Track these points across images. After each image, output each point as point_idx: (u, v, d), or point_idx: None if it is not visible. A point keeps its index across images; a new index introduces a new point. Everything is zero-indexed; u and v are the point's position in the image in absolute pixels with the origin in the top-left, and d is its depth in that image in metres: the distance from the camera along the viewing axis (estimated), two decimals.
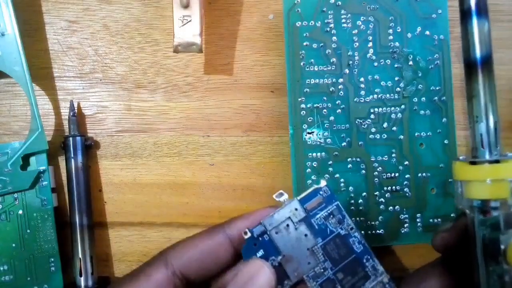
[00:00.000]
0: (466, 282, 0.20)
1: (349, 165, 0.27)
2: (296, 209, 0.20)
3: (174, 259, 0.19)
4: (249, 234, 0.19)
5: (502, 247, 0.19)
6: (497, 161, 0.19)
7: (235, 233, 0.20)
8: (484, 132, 0.20)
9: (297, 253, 0.20)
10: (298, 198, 0.21)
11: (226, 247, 0.20)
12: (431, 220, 0.27)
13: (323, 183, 0.21)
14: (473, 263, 0.20)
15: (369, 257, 0.21)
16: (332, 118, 0.27)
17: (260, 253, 0.19)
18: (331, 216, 0.21)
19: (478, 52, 0.20)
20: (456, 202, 0.21)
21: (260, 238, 0.20)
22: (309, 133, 0.27)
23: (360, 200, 0.27)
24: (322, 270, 0.20)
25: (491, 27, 0.29)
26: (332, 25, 0.27)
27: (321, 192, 0.21)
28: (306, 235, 0.20)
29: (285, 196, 0.21)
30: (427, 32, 0.27)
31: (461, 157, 0.21)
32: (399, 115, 0.27)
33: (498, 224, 0.19)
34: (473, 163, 0.20)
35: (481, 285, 0.20)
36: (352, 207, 0.27)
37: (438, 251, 0.22)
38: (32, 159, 0.27)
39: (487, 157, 0.20)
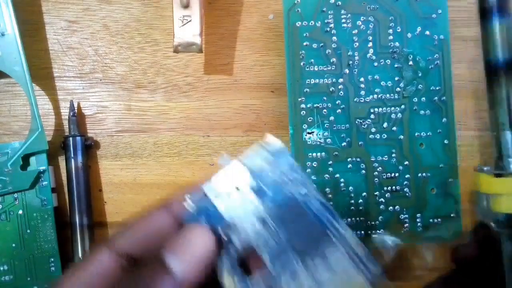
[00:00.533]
0: None
1: (349, 165, 0.27)
2: (240, 172, 0.18)
3: (118, 241, 0.18)
4: (189, 202, 0.18)
5: None
6: None
7: (177, 209, 0.18)
8: (510, 142, 0.19)
9: (242, 218, 0.17)
10: (243, 157, 0.18)
11: (170, 225, 0.18)
12: (431, 220, 0.27)
13: (270, 137, 0.18)
14: (499, 276, 0.19)
15: (330, 217, 0.17)
16: (332, 118, 0.27)
17: (202, 220, 0.17)
18: (283, 175, 0.17)
19: (501, 56, 0.19)
20: (478, 215, 0.20)
21: (202, 205, 0.17)
22: (309, 133, 0.27)
23: (360, 200, 0.27)
24: (272, 235, 0.17)
25: None
26: (332, 25, 0.27)
27: (269, 148, 0.18)
28: (251, 199, 0.17)
29: (228, 158, 0.18)
30: (427, 32, 0.27)
31: (485, 168, 0.20)
32: (399, 115, 0.27)
33: None
34: (499, 175, 0.19)
35: None
36: (352, 207, 0.27)
37: (457, 265, 0.22)
38: (32, 159, 0.27)
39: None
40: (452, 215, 0.27)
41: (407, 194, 0.27)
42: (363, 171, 0.27)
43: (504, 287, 0.19)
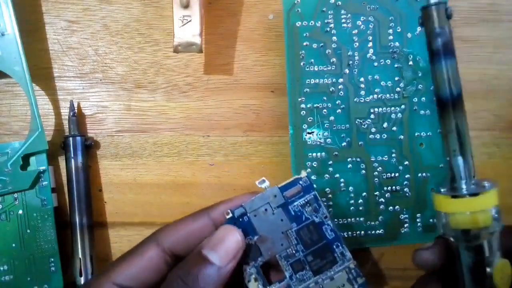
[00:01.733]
0: None
1: (349, 165, 0.27)
2: (275, 196, 0.22)
3: (163, 240, 0.22)
4: (230, 215, 0.22)
5: (488, 270, 0.21)
6: (476, 194, 0.21)
7: (217, 216, 0.22)
8: (462, 165, 0.22)
9: (272, 235, 0.22)
10: (279, 186, 0.22)
11: (210, 229, 0.22)
12: (431, 220, 0.27)
13: (303, 173, 0.22)
14: (460, 286, 0.22)
15: (339, 244, 0.22)
16: (332, 118, 0.27)
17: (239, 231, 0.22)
18: (308, 204, 0.22)
19: (448, 92, 0.22)
20: (439, 230, 0.22)
21: (240, 219, 0.22)
22: (309, 133, 0.27)
23: (360, 200, 0.27)
24: (293, 252, 0.22)
25: (491, 27, 0.29)
26: (332, 25, 0.27)
27: (300, 182, 0.22)
28: (282, 219, 0.22)
29: (267, 183, 0.22)
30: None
31: (441, 190, 0.22)
32: (399, 115, 0.27)
33: (482, 248, 0.21)
34: (454, 196, 0.21)
35: None
36: (352, 207, 0.27)
37: (420, 268, 0.24)
38: (32, 159, 0.27)
39: (466, 189, 0.21)
40: None
41: (407, 194, 0.27)
42: (363, 171, 0.27)
43: None
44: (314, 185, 0.22)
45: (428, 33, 0.22)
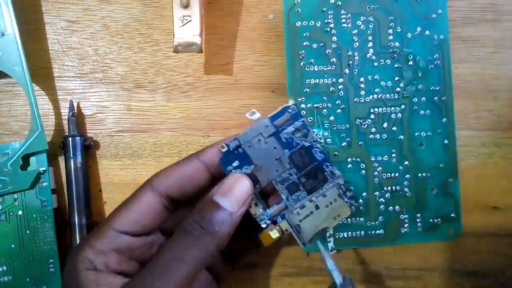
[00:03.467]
0: None
1: (349, 165, 0.27)
2: (266, 126, 0.23)
3: (158, 184, 0.23)
4: (226, 148, 0.23)
5: None
6: None
7: (208, 159, 0.23)
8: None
9: (267, 163, 0.23)
10: (269, 116, 0.23)
11: (201, 171, 0.23)
12: (431, 220, 0.27)
13: (290, 102, 0.24)
14: None
15: (328, 164, 0.24)
16: (332, 118, 0.27)
17: (236, 163, 0.23)
18: (297, 131, 0.23)
19: None
20: None
21: (235, 151, 0.23)
22: None
23: (360, 200, 0.27)
24: (288, 176, 0.24)
25: (491, 27, 0.29)
26: (332, 25, 0.27)
27: (289, 110, 0.23)
28: (275, 147, 0.23)
29: (258, 114, 0.23)
30: (427, 32, 0.27)
31: None
32: (399, 115, 0.27)
33: None
34: None
35: None
36: (352, 207, 0.27)
37: None
38: (32, 159, 0.27)
39: None
40: (452, 215, 0.27)
41: (407, 194, 0.27)
42: (363, 171, 0.27)
43: None
44: (302, 112, 0.24)
45: None
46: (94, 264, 0.21)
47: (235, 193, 0.22)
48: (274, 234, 0.23)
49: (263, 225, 0.24)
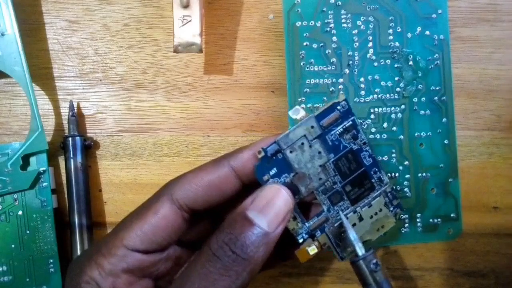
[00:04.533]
0: None
1: None
2: (312, 127, 0.20)
3: (179, 193, 0.19)
4: (262, 154, 0.20)
5: None
6: None
7: (239, 164, 0.20)
8: None
9: (309, 170, 0.20)
10: (315, 114, 0.20)
11: (231, 179, 0.20)
12: (431, 220, 0.27)
13: (341, 97, 0.20)
14: None
15: (376, 169, 0.21)
16: None
17: (273, 171, 0.20)
18: (346, 131, 0.20)
19: None
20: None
21: (274, 157, 0.20)
22: None
23: None
24: (331, 184, 0.20)
25: (491, 27, 0.29)
26: (332, 25, 0.27)
27: (338, 107, 0.20)
28: (319, 152, 0.20)
29: (302, 113, 0.20)
30: (427, 32, 0.27)
31: None
32: (399, 115, 0.27)
33: None
34: None
35: None
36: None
37: None
38: (32, 159, 0.27)
39: None
40: (452, 215, 0.27)
41: (407, 194, 0.27)
42: None
43: None
44: (352, 109, 0.20)
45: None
46: (100, 287, 0.18)
47: (273, 209, 0.18)
48: (313, 250, 0.21)
49: (300, 240, 0.21)
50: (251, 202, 0.19)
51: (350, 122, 0.20)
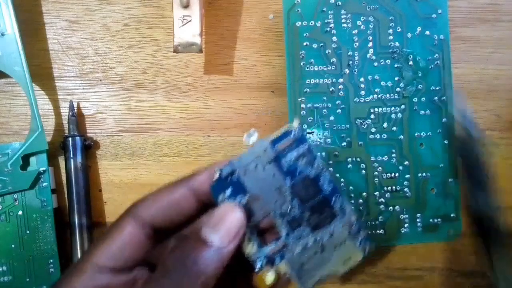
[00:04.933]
0: None
1: (349, 165, 0.27)
2: (265, 150, 0.20)
3: (141, 212, 0.20)
4: (218, 175, 0.20)
5: None
6: None
7: (197, 185, 0.21)
8: None
9: (264, 192, 0.20)
10: (269, 139, 0.20)
11: (189, 199, 0.21)
12: (431, 220, 0.27)
13: (295, 123, 0.20)
14: None
15: (338, 197, 0.20)
16: (332, 118, 0.27)
17: (228, 191, 0.20)
18: (302, 157, 0.20)
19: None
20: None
21: (229, 178, 0.20)
22: (309, 133, 0.27)
23: (360, 200, 0.27)
24: (288, 209, 0.20)
25: (491, 27, 0.29)
26: (332, 25, 0.27)
27: (292, 133, 0.20)
28: (274, 175, 0.20)
29: (255, 136, 0.20)
30: (427, 32, 0.27)
31: None
32: (399, 115, 0.27)
33: None
34: None
35: None
36: (352, 207, 0.27)
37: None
38: (32, 159, 0.27)
39: None
40: (452, 215, 0.27)
41: (407, 194, 0.27)
42: (363, 171, 0.27)
43: None
44: (308, 136, 0.21)
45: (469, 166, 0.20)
46: None
47: (225, 225, 0.19)
48: (270, 277, 0.20)
49: (257, 267, 0.20)
50: (205, 219, 0.20)
51: (306, 147, 0.20)
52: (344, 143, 0.27)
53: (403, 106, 0.27)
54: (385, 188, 0.27)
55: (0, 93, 0.29)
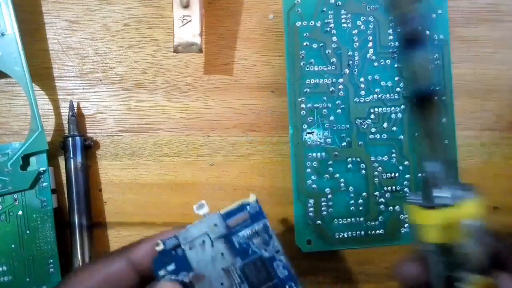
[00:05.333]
0: None
1: (349, 165, 0.27)
2: (215, 225, 0.19)
3: (76, 286, 0.19)
4: (161, 247, 0.18)
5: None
6: (450, 205, 0.18)
7: (138, 257, 0.19)
8: (436, 171, 0.19)
9: (210, 272, 0.18)
10: (221, 212, 0.19)
11: (129, 273, 0.19)
12: None
13: (252, 197, 0.19)
14: None
15: (292, 284, 0.19)
16: (332, 118, 0.27)
17: (171, 267, 0.18)
18: (256, 235, 0.19)
19: (420, 85, 0.19)
20: (414, 243, 0.20)
21: (173, 252, 0.18)
22: (309, 133, 0.27)
23: (360, 200, 0.27)
24: None
25: (491, 27, 0.29)
26: (332, 25, 0.27)
27: (248, 208, 0.19)
28: (222, 253, 0.18)
29: (206, 209, 0.19)
30: (427, 32, 0.27)
31: (413, 199, 0.19)
32: (399, 115, 0.27)
33: (454, 264, 0.18)
34: (427, 207, 0.18)
35: None
36: (352, 207, 0.27)
37: (402, 284, 0.20)
38: (32, 159, 0.27)
39: (437, 199, 0.18)
40: None
41: (407, 194, 0.27)
42: (363, 171, 0.27)
43: None
44: (265, 212, 0.19)
45: (401, 20, 0.19)
46: None
47: None
48: None
49: None
50: None
51: (261, 225, 0.19)
52: (344, 143, 0.27)
53: (403, 106, 0.27)
54: (385, 188, 0.27)
55: (0, 93, 0.29)
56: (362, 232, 0.27)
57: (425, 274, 0.19)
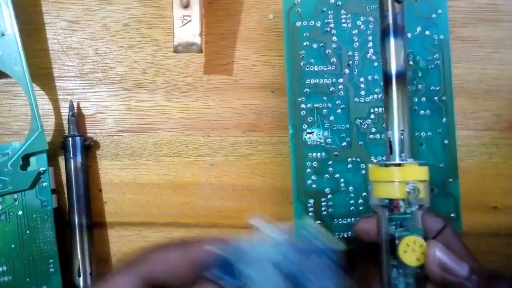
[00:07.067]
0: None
1: (349, 165, 0.27)
2: (285, 256, 0.17)
3: (141, 271, 0.18)
4: (218, 256, 0.17)
5: (397, 242, 0.21)
6: (399, 165, 0.21)
7: (200, 252, 0.19)
8: (393, 139, 0.22)
9: None
10: (293, 242, 0.17)
11: (186, 264, 0.18)
12: None
13: (339, 244, 0.18)
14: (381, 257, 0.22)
15: None
16: (332, 118, 0.27)
17: (224, 279, 0.17)
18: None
19: (393, 68, 0.22)
20: (369, 201, 0.23)
21: (234, 265, 0.17)
22: (309, 133, 0.27)
23: (360, 200, 0.27)
24: None
25: (491, 27, 0.29)
26: (332, 25, 0.27)
27: (325, 252, 0.18)
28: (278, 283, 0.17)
29: (269, 226, 0.18)
30: (427, 32, 0.27)
31: (375, 160, 0.23)
32: None
33: (401, 222, 0.21)
34: (382, 166, 0.22)
35: (383, 278, 0.21)
36: (352, 207, 0.27)
37: (359, 237, 0.24)
38: (32, 159, 0.27)
39: (389, 160, 0.22)
40: (452, 215, 0.27)
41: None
42: (363, 171, 0.27)
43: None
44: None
45: (381, 14, 0.23)
46: None
47: None
48: None
49: None
50: None
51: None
52: (344, 143, 0.27)
53: None
54: None
55: (0, 93, 0.29)
56: None
57: (378, 230, 0.22)
